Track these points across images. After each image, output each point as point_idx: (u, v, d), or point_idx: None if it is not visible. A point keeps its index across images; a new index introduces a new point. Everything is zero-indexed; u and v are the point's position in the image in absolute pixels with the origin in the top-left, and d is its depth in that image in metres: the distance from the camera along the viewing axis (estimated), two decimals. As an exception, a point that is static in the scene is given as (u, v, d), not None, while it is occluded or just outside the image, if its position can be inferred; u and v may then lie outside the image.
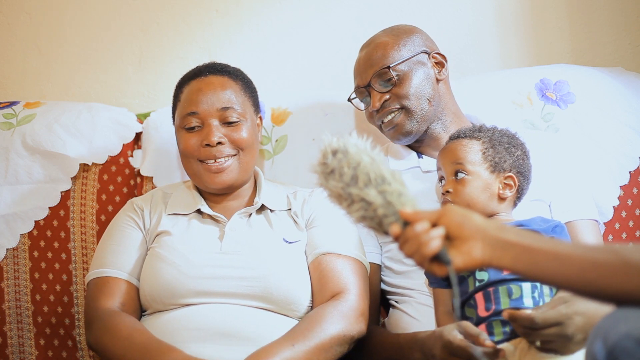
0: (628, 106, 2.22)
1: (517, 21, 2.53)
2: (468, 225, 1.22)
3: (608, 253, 1.16)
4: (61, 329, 2.18)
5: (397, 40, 2.01)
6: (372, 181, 1.27)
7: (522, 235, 1.22)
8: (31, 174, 2.21)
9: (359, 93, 2.06)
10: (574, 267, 1.15)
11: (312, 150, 2.26)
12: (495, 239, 1.21)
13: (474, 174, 1.77)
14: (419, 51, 2.01)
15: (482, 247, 1.20)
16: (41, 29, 2.57)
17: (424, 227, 1.24)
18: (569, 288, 1.19)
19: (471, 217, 1.23)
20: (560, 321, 1.52)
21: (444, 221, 1.24)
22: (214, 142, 1.89)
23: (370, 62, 2.01)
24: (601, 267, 1.13)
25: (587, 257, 1.16)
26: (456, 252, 1.22)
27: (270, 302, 1.82)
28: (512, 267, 1.20)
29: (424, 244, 1.23)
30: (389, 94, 1.98)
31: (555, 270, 1.17)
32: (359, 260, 1.90)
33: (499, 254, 1.20)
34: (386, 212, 1.27)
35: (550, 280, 1.19)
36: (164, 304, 1.83)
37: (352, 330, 1.79)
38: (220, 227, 1.92)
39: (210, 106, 1.92)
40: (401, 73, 1.98)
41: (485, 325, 1.65)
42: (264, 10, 2.55)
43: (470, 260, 1.21)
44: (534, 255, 1.18)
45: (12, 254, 2.20)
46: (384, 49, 2.00)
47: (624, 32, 2.52)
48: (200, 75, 1.97)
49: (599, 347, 1.05)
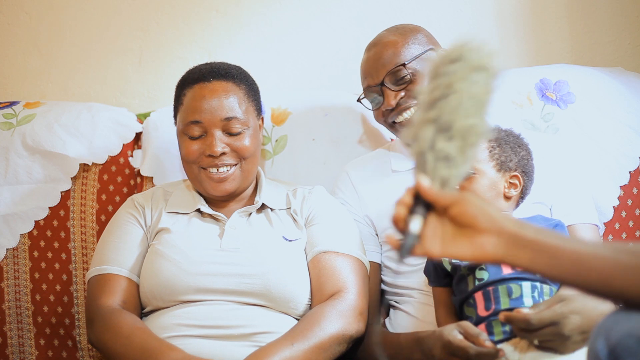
0: (628, 106, 2.23)
1: (517, 21, 2.54)
2: (484, 217, 1.15)
3: (631, 255, 1.10)
4: (61, 329, 2.18)
5: (406, 38, 2.01)
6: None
7: (542, 233, 1.15)
8: (31, 174, 2.21)
9: (369, 93, 2.04)
10: (595, 272, 1.11)
11: (312, 150, 2.27)
12: (512, 235, 1.14)
13: (481, 172, 1.76)
14: (427, 48, 2.01)
15: (497, 243, 1.14)
16: (41, 29, 2.57)
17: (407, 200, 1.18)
18: (587, 290, 1.14)
19: (488, 209, 1.16)
20: (556, 321, 1.51)
21: (458, 209, 1.16)
22: (217, 152, 1.88)
23: (382, 61, 1.99)
24: (626, 272, 1.09)
25: (610, 260, 1.11)
26: (467, 243, 1.15)
27: (269, 300, 1.82)
28: (530, 268, 1.13)
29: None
30: (403, 91, 1.97)
31: (575, 272, 1.12)
32: (358, 259, 1.90)
33: (515, 252, 1.13)
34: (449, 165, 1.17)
35: (568, 282, 1.14)
36: (163, 301, 1.83)
37: (350, 330, 1.79)
38: (220, 225, 1.92)
39: (214, 116, 1.90)
40: (414, 70, 1.97)
41: (485, 325, 1.65)
42: (264, 10, 2.55)
43: (482, 254, 1.14)
44: (553, 256, 1.12)
45: (12, 254, 2.20)
46: (395, 47, 1.99)
47: (624, 32, 2.53)
48: (204, 80, 1.94)
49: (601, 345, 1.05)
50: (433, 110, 1.17)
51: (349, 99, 2.33)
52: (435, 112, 1.17)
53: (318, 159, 2.26)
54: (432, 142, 1.17)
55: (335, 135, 2.27)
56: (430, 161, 1.17)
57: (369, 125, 2.28)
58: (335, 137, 2.27)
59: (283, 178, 2.21)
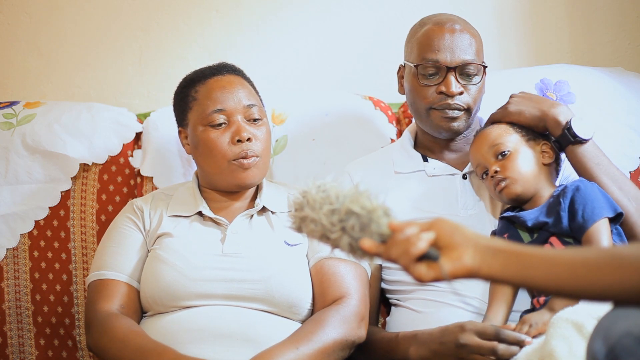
0: (628, 106, 2.22)
1: (517, 21, 2.54)
2: (459, 234, 1.22)
3: (598, 251, 1.18)
4: (61, 329, 2.18)
5: (480, 40, 1.98)
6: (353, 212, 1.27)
7: (511, 244, 1.24)
8: (31, 174, 2.21)
9: (429, 67, 1.92)
10: (564, 267, 1.15)
11: (312, 150, 2.26)
12: (485, 246, 1.21)
13: (515, 148, 1.83)
14: (484, 63, 1.97)
15: (473, 254, 1.20)
16: (41, 29, 2.57)
17: (414, 231, 1.24)
18: (559, 290, 1.18)
19: (462, 228, 1.24)
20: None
21: (434, 230, 1.24)
22: (245, 137, 1.89)
23: (463, 47, 1.92)
24: (591, 264, 1.13)
25: (576, 256, 1.16)
26: (446, 259, 1.22)
27: (272, 305, 1.82)
28: (502, 273, 1.19)
29: (412, 244, 1.22)
30: (464, 88, 1.93)
31: (545, 272, 1.16)
32: (360, 265, 1.90)
33: (489, 260, 1.19)
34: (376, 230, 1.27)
35: (540, 284, 1.18)
36: (164, 306, 1.83)
37: (353, 336, 1.80)
38: (221, 229, 1.92)
39: (237, 103, 1.92)
40: (481, 75, 1.95)
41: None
42: (264, 10, 2.55)
43: (461, 266, 1.21)
44: (523, 259, 1.18)
45: (12, 254, 2.20)
46: (478, 45, 1.96)
47: (624, 32, 2.53)
48: (217, 74, 1.97)
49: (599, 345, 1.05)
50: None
51: (349, 99, 2.33)
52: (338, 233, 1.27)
53: (318, 159, 2.25)
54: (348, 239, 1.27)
55: (335, 135, 2.27)
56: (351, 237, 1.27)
57: (370, 126, 2.28)
58: (335, 137, 2.27)
59: (283, 178, 2.21)
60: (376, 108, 2.30)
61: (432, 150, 2.03)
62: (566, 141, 1.85)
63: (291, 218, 1.33)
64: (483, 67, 1.95)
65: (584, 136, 1.84)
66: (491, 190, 1.85)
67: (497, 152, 1.82)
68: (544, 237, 1.76)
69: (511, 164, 1.81)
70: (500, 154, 1.82)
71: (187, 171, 2.24)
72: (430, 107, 1.93)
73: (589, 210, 1.72)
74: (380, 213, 1.26)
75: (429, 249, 1.23)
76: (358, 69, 2.56)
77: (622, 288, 1.10)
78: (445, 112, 1.92)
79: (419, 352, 1.72)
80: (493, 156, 1.83)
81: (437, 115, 1.93)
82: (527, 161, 1.82)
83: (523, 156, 1.82)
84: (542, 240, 1.76)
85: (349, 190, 1.29)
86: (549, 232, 1.75)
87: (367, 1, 2.55)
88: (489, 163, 1.83)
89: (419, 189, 1.98)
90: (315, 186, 1.30)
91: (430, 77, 1.93)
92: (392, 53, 2.35)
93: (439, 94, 1.92)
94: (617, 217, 1.76)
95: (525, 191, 1.80)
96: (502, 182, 1.80)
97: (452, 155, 2.02)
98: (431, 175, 1.99)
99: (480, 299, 1.81)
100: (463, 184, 1.96)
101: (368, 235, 1.26)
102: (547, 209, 1.77)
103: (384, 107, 2.31)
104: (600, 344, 1.05)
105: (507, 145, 1.82)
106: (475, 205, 1.93)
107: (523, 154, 1.82)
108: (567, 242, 1.74)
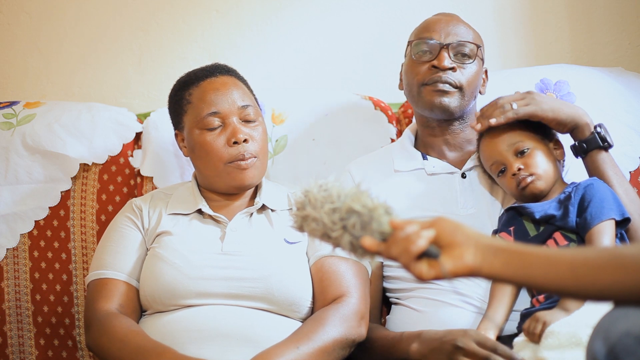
0: (628, 106, 2.22)
1: (517, 21, 2.54)
2: (460, 233, 1.22)
3: (598, 251, 1.18)
4: (61, 329, 2.18)
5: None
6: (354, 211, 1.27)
7: (513, 243, 1.24)
8: (31, 174, 2.21)
9: (422, 43, 1.97)
10: (565, 266, 1.15)
11: (312, 150, 2.27)
12: (486, 245, 1.21)
13: (534, 146, 1.84)
14: (480, 44, 2.01)
15: (474, 253, 1.20)
16: (41, 29, 2.57)
17: (414, 229, 1.24)
18: (560, 290, 1.18)
19: (463, 226, 1.24)
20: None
21: (435, 228, 1.24)
22: (241, 139, 1.89)
23: (457, 29, 1.98)
24: (592, 263, 1.14)
25: (577, 256, 1.16)
26: (447, 257, 1.22)
27: (272, 303, 1.82)
28: (503, 272, 1.19)
29: (412, 242, 1.22)
30: (458, 67, 1.95)
31: (546, 271, 1.16)
32: (361, 263, 1.90)
33: (490, 259, 1.19)
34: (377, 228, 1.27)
35: (541, 283, 1.18)
36: (164, 305, 1.83)
37: (353, 334, 1.80)
38: (221, 227, 1.92)
39: (231, 105, 1.91)
40: (475, 58, 1.97)
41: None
42: (264, 10, 2.55)
43: (462, 265, 1.21)
44: (524, 257, 1.18)
45: (12, 254, 2.20)
46: (470, 29, 2.01)
47: (624, 33, 2.53)
48: (210, 75, 1.96)
49: (599, 345, 1.05)
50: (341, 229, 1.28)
51: (349, 99, 2.33)
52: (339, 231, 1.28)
53: (318, 159, 2.26)
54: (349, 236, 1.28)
55: (335, 135, 2.27)
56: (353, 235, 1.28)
57: (370, 126, 2.28)
58: (335, 137, 2.27)
59: (283, 178, 2.21)
60: (376, 108, 2.30)
61: (432, 148, 2.03)
62: (593, 145, 1.87)
63: (293, 217, 1.32)
64: (477, 46, 1.97)
65: (611, 142, 1.87)
66: (511, 187, 1.85)
67: (517, 150, 1.84)
68: (548, 231, 1.77)
69: (533, 161, 1.83)
70: (520, 152, 1.83)
71: (186, 171, 2.24)
72: (423, 84, 1.95)
73: (597, 209, 1.74)
74: (381, 211, 1.26)
75: (429, 246, 1.22)
76: (358, 69, 2.56)
77: (623, 288, 1.10)
78: (436, 85, 1.94)
79: (419, 349, 1.74)
80: (513, 154, 1.84)
81: (428, 91, 1.95)
82: (546, 158, 1.84)
83: (542, 153, 1.84)
84: (547, 234, 1.77)
85: (350, 189, 1.29)
86: (554, 227, 1.76)
87: (367, 1, 2.55)
88: (508, 161, 1.84)
89: (419, 187, 1.98)
90: (317, 185, 1.30)
91: (425, 54, 1.97)
92: (392, 53, 2.35)
93: (430, 69, 1.94)
94: (624, 221, 1.76)
95: (547, 187, 1.83)
96: (527, 178, 1.81)
97: (451, 153, 2.02)
98: (431, 174, 1.99)
99: (482, 299, 1.81)
100: (462, 182, 1.97)
101: (369, 233, 1.26)
102: (557, 203, 1.79)
103: (384, 107, 2.31)
104: (600, 343, 1.05)
105: (526, 143, 1.84)
106: (474, 204, 1.94)
107: (542, 151, 1.85)
108: (571, 238, 1.74)
